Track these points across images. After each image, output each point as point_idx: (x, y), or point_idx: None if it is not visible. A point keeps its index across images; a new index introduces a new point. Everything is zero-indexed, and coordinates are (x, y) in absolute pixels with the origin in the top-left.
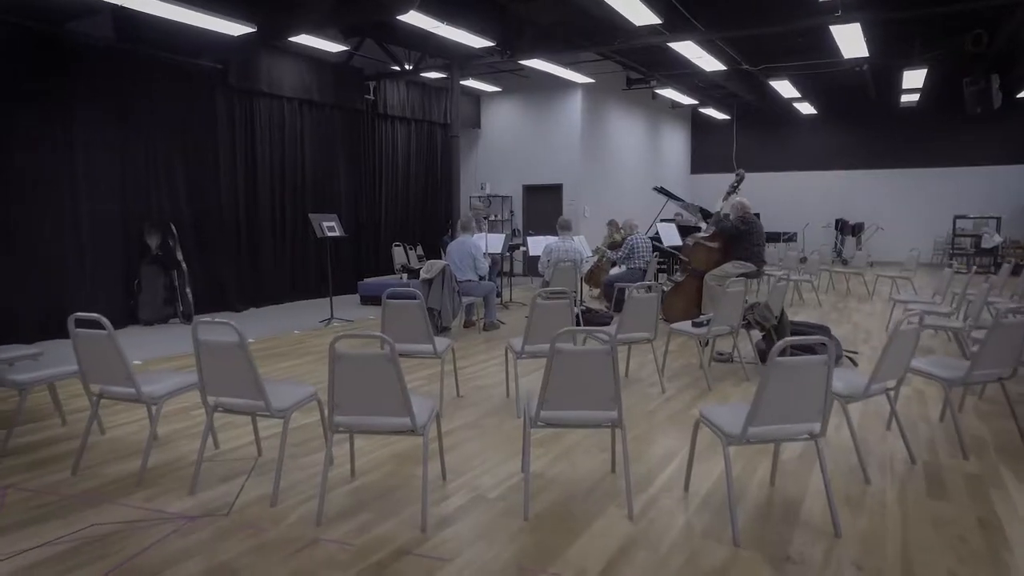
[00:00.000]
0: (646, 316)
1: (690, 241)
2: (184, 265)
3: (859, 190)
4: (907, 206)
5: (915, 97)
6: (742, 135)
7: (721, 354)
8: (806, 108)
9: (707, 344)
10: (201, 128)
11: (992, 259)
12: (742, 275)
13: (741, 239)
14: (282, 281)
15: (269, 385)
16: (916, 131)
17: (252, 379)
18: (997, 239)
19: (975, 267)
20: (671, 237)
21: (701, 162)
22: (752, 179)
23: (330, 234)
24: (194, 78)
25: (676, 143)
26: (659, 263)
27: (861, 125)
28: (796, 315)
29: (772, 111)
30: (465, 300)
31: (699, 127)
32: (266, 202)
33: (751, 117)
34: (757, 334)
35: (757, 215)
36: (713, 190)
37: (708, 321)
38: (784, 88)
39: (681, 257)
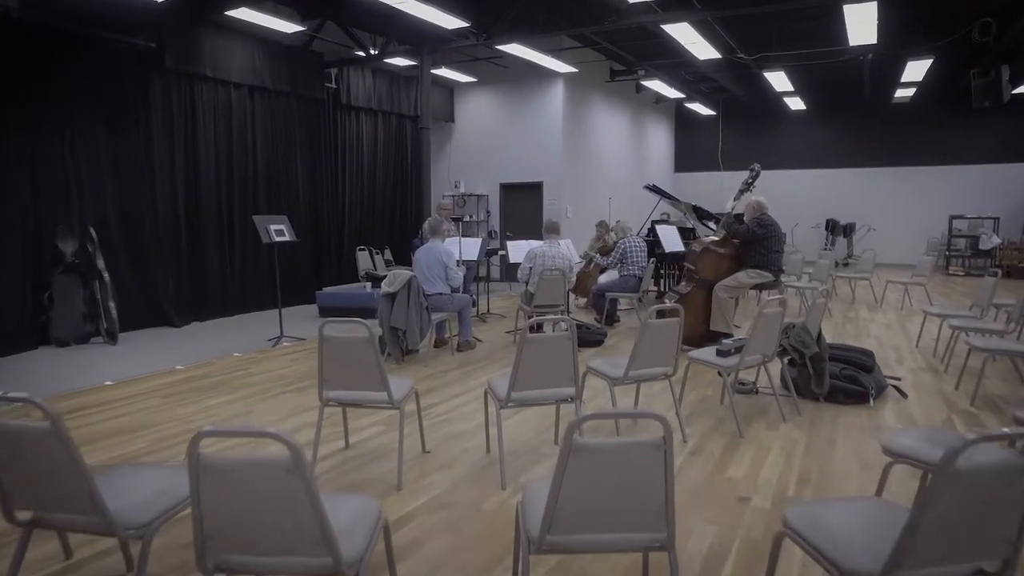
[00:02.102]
0: (665, 346)
1: (697, 247)
2: (106, 274)
3: (850, 189)
4: (900, 206)
5: (910, 92)
6: (728, 132)
7: (743, 383)
8: (796, 103)
9: (732, 375)
10: (132, 116)
11: (989, 261)
12: (757, 286)
13: (757, 244)
14: (231, 291)
15: (122, 477)
16: (910, 128)
17: (80, 483)
18: (995, 240)
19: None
20: (672, 241)
21: (685, 160)
22: (737, 178)
23: (279, 239)
24: (123, 58)
25: (660, 140)
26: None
27: (852, 121)
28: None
29: (759, 107)
30: (435, 316)
31: (683, 123)
32: (211, 201)
33: (738, 113)
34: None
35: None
36: (698, 189)
37: (736, 348)
38: (778, 80)
39: (687, 265)
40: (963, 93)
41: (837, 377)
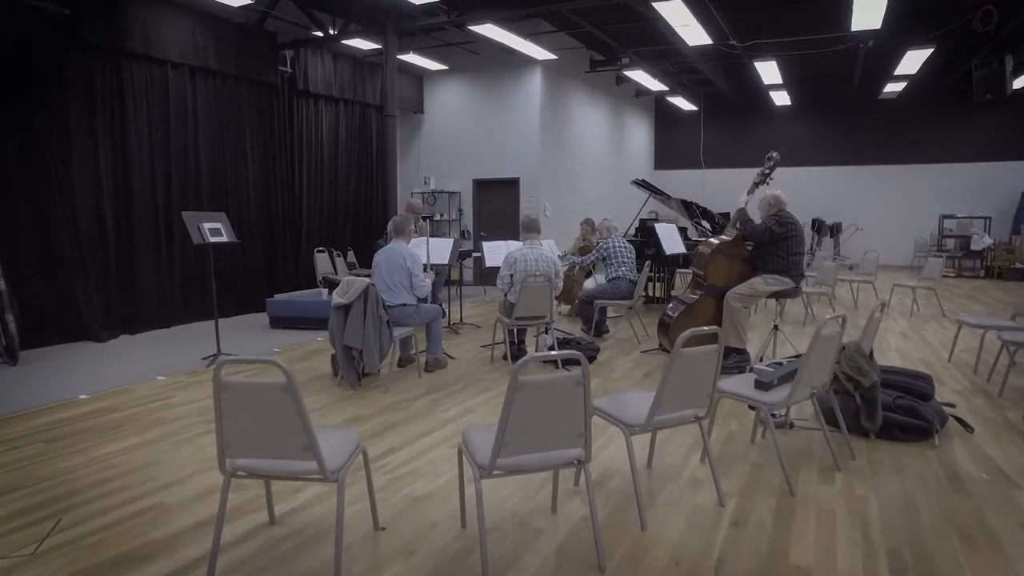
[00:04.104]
0: (699, 381)
1: (705, 249)
2: (2, 282)
3: (836, 187)
4: (888, 205)
5: (899, 87)
6: (710, 128)
7: (772, 415)
8: (781, 98)
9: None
10: (39, 96)
11: (980, 262)
12: (775, 294)
13: (775, 245)
14: (169, 299)
15: None
16: (898, 125)
17: None
18: (987, 240)
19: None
20: (672, 242)
21: (666, 157)
22: (719, 175)
23: (214, 239)
24: (29, 26)
25: (640, 135)
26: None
27: (839, 118)
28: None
29: (743, 102)
30: (398, 332)
31: (663, 119)
32: (144, 199)
33: (720, 109)
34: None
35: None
36: (679, 187)
37: (781, 378)
38: (768, 71)
39: (694, 270)
40: (954, 88)
41: (891, 408)
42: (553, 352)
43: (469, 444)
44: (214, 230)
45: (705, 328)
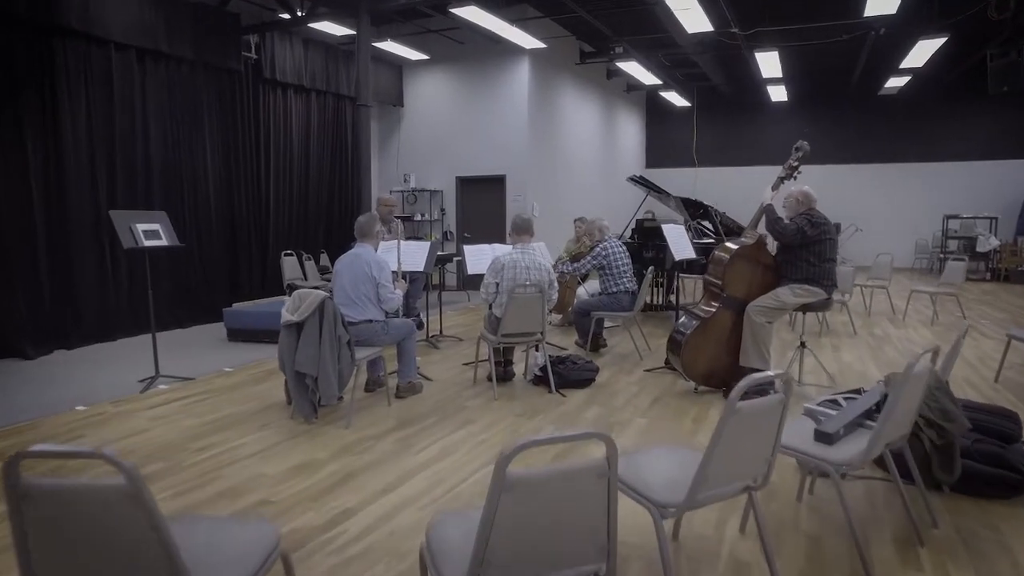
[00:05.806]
0: (758, 443)
1: (723, 254)
2: None
3: (835, 186)
4: (887, 204)
5: (901, 82)
6: (703, 125)
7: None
8: (778, 93)
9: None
10: None
11: (986, 264)
12: (804, 306)
13: (805, 249)
14: (114, 308)
15: None
16: (899, 121)
17: None
18: (994, 242)
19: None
20: (681, 247)
21: (657, 155)
22: (712, 174)
23: (150, 243)
24: None
25: (631, 132)
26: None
27: (839, 114)
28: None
29: (738, 98)
30: (362, 354)
31: (655, 115)
32: (82, 195)
33: (714, 105)
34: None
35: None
36: (671, 186)
37: (848, 427)
38: (768, 63)
39: (709, 279)
40: (958, 83)
41: (971, 455)
42: (565, 434)
43: (435, 549)
44: (150, 232)
45: (771, 373)
